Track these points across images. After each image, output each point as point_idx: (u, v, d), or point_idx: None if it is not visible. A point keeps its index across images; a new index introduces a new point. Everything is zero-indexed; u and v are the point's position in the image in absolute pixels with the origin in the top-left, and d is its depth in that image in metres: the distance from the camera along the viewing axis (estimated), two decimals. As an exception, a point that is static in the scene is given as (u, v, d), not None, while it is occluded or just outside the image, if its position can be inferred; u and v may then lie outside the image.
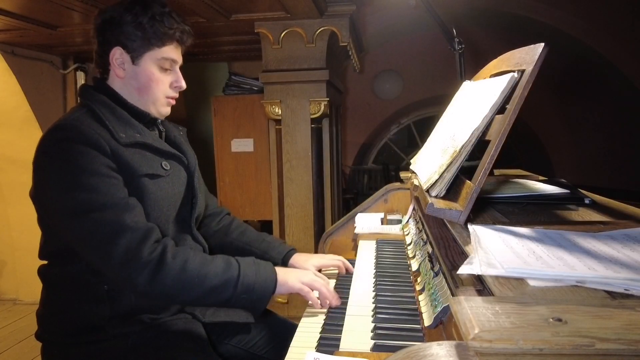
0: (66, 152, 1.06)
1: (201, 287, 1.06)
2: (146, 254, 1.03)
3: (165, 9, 1.19)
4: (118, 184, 1.08)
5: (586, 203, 1.11)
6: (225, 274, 1.09)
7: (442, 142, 1.18)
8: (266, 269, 1.16)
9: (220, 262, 1.11)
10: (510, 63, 1.04)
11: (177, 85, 1.25)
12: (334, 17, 2.70)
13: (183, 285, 1.05)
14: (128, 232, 1.03)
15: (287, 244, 1.48)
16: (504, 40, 4.82)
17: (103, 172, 1.06)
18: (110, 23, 1.17)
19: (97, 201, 1.03)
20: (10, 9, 2.32)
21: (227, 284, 1.08)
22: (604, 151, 5.43)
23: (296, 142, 2.87)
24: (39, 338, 1.22)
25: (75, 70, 3.53)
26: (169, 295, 1.07)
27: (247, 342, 1.39)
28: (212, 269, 1.08)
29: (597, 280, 0.59)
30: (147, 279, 1.02)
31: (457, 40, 1.82)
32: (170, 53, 1.20)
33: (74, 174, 1.05)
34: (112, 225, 1.03)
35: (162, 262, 1.03)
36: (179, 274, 1.04)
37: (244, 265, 1.13)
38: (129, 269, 1.02)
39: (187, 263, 1.06)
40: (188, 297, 1.07)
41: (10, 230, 3.55)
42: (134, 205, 1.09)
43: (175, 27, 1.19)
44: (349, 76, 5.49)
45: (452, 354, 0.51)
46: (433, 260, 0.98)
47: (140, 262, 1.02)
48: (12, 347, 2.93)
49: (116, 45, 1.17)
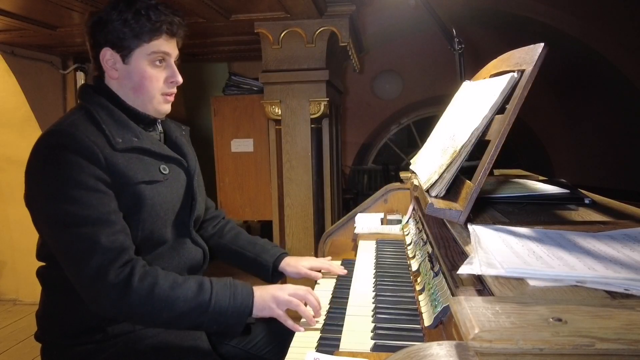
0: (57, 160, 1.04)
1: (170, 311, 1.03)
2: (113, 276, 1.00)
3: (151, 2, 1.16)
4: (103, 198, 1.06)
5: (586, 203, 1.11)
6: (197, 299, 1.05)
7: (442, 142, 1.18)
8: (242, 293, 1.10)
9: (192, 285, 1.07)
10: (510, 63, 1.04)
11: (173, 80, 1.21)
12: (333, 17, 2.70)
13: (151, 309, 1.02)
14: (101, 251, 1.00)
15: (280, 247, 1.48)
16: (504, 40, 4.82)
17: (90, 184, 1.04)
18: (99, 24, 1.15)
19: (78, 214, 1.02)
20: (10, 9, 2.31)
21: (198, 309, 1.04)
22: (603, 151, 5.43)
23: (296, 142, 2.87)
24: (38, 339, 1.21)
25: (75, 71, 3.52)
26: (137, 318, 1.05)
27: (247, 343, 1.38)
28: (182, 293, 1.04)
29: (597, 280, 0.59)
30: (114, 301, 1.00)
31: (457, 40, 1.82)
32: (160, 46, 1.17)
33: (61, 183, 1.03)
34: (87, 242, 1.01)
35: (128, 285, 1.00)
36: (146, 298, 1.01)
37: (218, 288, 1.08)
38: (96, 290, 1.00)
39: (155, 286, 1.03)
40: (157, 320, 1.05)
41: (10, 231, 3.55)
42: (114, 221, 1.06)
43: (162, 20, 1.15)
44: (349, 76, 5.48)
45: (452, 353, 0.51)
46: (433, 260, 0.98)
47: (107, 284, 0.99)
48: (12, 348, 2.93)
49: (105, 46, 1.15)
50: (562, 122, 5.83)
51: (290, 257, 1.45)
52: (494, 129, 0.94)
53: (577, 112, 5.60)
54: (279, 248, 1.48)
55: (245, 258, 1.43)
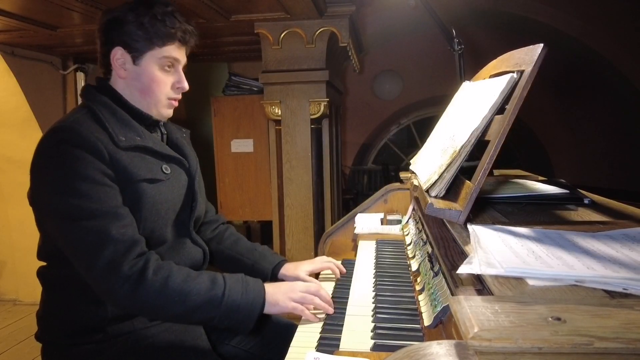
0: (62, 155, 1.05)
1: (183, 304, 1.03)
2: (127, 268, 1.01)
3: (168, 9, 1.18)
4: (110, 192, 1.07)
5: (585, 203, 1.11)
6: (209, 293, 1.05)
7: (441, 143, 1.18)
8: (255, 289, 1.11)
9: (205, 280, 1.08)
10: (510, 63, 1.04)
11: (180, 86, 1.24)
12: (333, 18, 2.70)
13: (164, 302, 1.03)
14: (112, 243, 1.01)
15: (280, 255, 1.47)
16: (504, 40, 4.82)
17: (97, 178, 1.05)
18: (114, 23, 1.17)
19: (86, 208, 1.02)
20: (10, 9, 2.32)
21: (211, 303, 1.05)
22: (603, 151, 5.44)
23: (296, 143, 2.87)
24: (38, 339, 1.21)
25: (75, 71, 3.53)
26: (150, 311, 1.06)
27: (247, 343, 1.39)
28: (196, 287, 1.05)
29: (596, 279, 0.59)
30: (127, 293, 1.00)
31: (457, 40, 1.83)
32: (171, 52, 1.19)
33: (67, 178, 1.04)
34: (97, 235, 1.01)
35: (142, 278, 1.01)
36: (160, 291, 1.02)
37: (231, 283, 1.09)
38: (110, 282, 1.01)
39: (169, 279, 1.03)
40: (169, 314, 1.05)
41: (10, 231, 3.55)
42: (123, 214, 1.07)
43: (177, 27, 1.18)
44: (349, 76, 5.49)
45: (452, 352, 0.51)
46: (433, 260, 0.99)
47: (121, 276, 1.00)
48: (12, 348, 2.93)
49: (118, 45, 1.17)
50: (562, 123, 5.84)
51: (290, 263, 1.42)
52: (494, 129, 0.94)
53: (577, 112, 5.60)
54: (279, 256, 1.46)
55: (243, 264, 1.41)
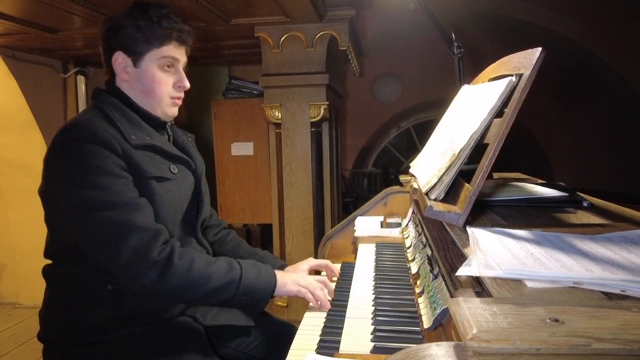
0: (78, 151, 1.08)
1: (205, 287, 1.09)
2: (155, 254, 1.05)
3: (163, 11, 1.21)
4: (129, 184, 1.11)
5: (584, 206, 1.12)
6: (228, 275, 1.12)
7: (441, 146, 1.19)
8: (266, 272, 1.19)
9: (223, 264, 1.15)
10: (509, 67, 1.05)
11: (181, 85, 1.26)
12: (333, 22, 2.71)
13: (188, 285, 1.08)
14: (137, 231, 1.05)
15: (281, 260, 1.51)
16: (503, 44, 4.84)
17: (114, 171, 1.08)
18: (113, 29, 1.20)
19: (108, 200, 1.05)
20: (11, 13, 2.33)
21: (230, 285, 1.11)
22: (602, 154, 5.44)
23: (296, 146, 2.88)
24: (40, 339, 1.22)
25: (76, 74, 3.54)
26: (174, 294, 1.10)
27: (247, 345, 1.39)
28: (216, 270, 1.11)
29: (593, 281, 0.60)
30: (155, 278, 1.04)
31: (456, 44, 1.83)
32: (169, 52, 1.22)
33: (85, 172, 1.06)
34: (122, 224, 1.04)
35: (170, 263, 1.06)
36: (185, 274, 1.07)
37: (246, 267, 1.17)
38: (137, 269, 1.04)
39: (192, 264, 1.09)
40: (192, 296, 1.10)
41: (10, 233, 3.55)
42: (143, 205, 1.11)
43: (173, 27, 1.21)
44: (349, 80, 5.50)
45: (451, 354, 0.52)
46: (432, 263, 0.99)
47: (149, 262, 1.04)
48: (12, 351, 2.92)
49: (118, 50, 1.20)
50: (562, 126, 5.85)
51: (289, 266, 1.45)
52: (493, 132, 0.94)
53: (577, 115, 5.61)
54: (279, 260, 1.50)
55: None
